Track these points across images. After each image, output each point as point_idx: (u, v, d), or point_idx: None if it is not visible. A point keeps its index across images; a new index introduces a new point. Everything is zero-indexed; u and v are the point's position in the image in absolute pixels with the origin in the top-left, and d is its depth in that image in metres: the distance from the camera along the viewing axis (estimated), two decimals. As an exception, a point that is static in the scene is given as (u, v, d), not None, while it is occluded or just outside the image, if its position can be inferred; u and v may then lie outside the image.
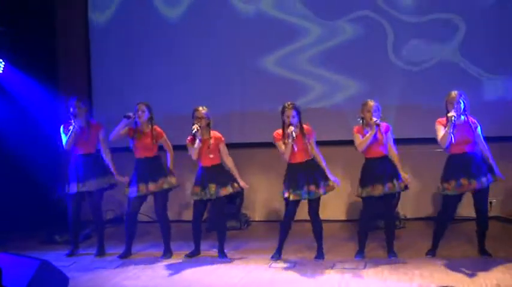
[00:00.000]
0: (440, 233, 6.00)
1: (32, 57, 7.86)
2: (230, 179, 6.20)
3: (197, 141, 6.04)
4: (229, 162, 6.25)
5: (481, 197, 5.84)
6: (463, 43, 7.62)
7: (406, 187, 6.04)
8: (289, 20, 8.06)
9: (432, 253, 6.00)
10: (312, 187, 5.93)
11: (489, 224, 5.94)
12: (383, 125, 5.96)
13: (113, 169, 6.50)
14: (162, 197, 6.38)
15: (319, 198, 6.02)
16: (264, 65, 8.12)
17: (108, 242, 6.73)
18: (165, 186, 6.32)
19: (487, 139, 5.87)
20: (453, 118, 5.59)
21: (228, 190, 6.16)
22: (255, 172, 8.11)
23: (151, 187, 6.28)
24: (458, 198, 5.87)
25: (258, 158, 8.04)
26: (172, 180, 6.37)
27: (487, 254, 5.89)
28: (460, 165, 5.75)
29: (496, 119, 7.18)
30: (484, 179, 5.71)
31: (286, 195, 6.00)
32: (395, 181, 5.92)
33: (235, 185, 6.21)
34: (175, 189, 6.47)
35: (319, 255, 6.11)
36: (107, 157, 6.51)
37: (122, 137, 6.27)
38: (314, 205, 6.04)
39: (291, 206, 6.05)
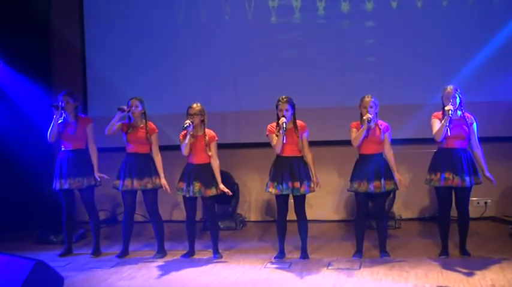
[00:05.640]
0: (443, 231, 5.93)
1: (25, 55, 7.81)
2: (216, 180, 6.17)
3: (188, 136, 6.02)
4: (215, 163, 6.18)
5: (462, 197, 5.83)
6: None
7: (394, 189, 5.99)
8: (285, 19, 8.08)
9: (444, 253, 5.91)
10: (296, 184, 5.91)
11: (484, 225, 5.94)
12: (382, 124, 5.95)
13: (94, 166, 6.38)
14: (150, 196, 6.32)
15: (304, 196, 6.02)
16: (259, 64, 8.12)
17: (102, 242, 6.70)
18: (149, 186, 6.26)
19: (480, 139, 5.87)
20: (450, 112, 5.58)
21: (212, 191, 6.13)
22: (250, 172, 8.12)
23: (136, 183, 6.23)
24: (447, 191, 5.83)
25: (253, 158, 8.02)
26: (157, 181, 6.29)
27: (467, 254, 5.88)
28: (448, 159, 5.75)
29: (491, 119, 7.17)
30: (467, 179, 5.70)
31: (270, 189, 5.99)
32: (383, 181, 5.87)
33: (220, 187, 6.17)
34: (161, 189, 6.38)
35: (304, 255, 6.08)
36: (92, 153, 6.40)
37: (116, 131, 6.21)
38: (299, 202, 6.02)
39: (279, 203, 6.05)
